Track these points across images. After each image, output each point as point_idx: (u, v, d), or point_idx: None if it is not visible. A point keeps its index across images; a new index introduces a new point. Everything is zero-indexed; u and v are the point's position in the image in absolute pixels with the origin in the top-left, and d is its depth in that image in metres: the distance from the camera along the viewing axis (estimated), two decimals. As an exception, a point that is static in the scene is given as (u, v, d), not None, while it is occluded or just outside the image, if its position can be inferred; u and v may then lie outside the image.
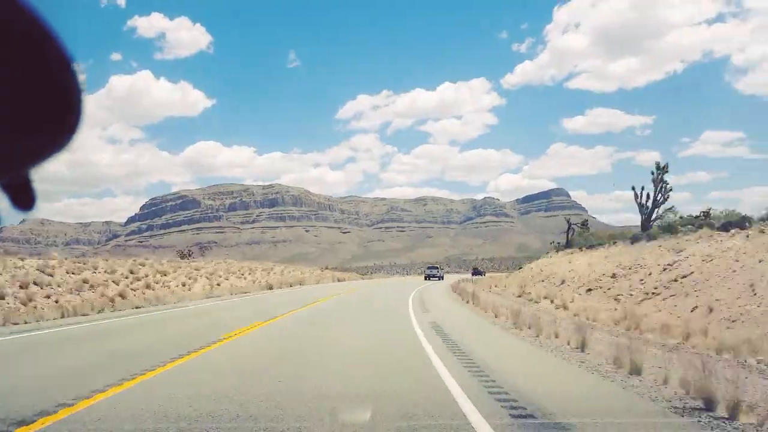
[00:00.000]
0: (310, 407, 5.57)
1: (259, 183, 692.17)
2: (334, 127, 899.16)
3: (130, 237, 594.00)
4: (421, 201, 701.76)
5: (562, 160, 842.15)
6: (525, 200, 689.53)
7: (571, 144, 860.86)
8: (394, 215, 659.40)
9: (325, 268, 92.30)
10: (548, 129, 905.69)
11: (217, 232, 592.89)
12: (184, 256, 55.47)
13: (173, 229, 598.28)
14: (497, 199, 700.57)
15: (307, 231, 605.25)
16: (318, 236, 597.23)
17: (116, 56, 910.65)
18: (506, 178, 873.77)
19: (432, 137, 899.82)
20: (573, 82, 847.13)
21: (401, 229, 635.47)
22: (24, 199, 0.85)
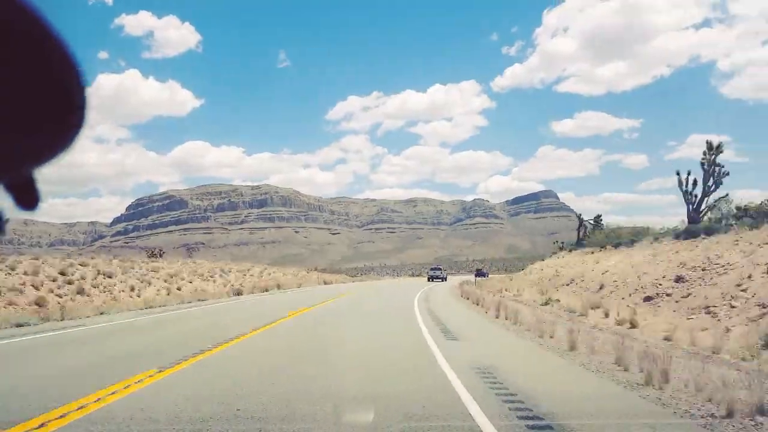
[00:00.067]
0: None
1: (248, 183, 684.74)
2: (324, 128, 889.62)
3: (116, 238, 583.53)
4: (412, 202, 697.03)
5: (551, 163, 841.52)
6: (514, 202, 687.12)
7: (560, 147, 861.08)
8: (385, 216, 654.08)
9: (314, 269, 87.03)
10: (537, 131, 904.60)
11: (205, 233, 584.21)
12: (154, 256, 50.24)
13: (160, 230, 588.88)
14: (487, 201, 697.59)
15: (297, 232, 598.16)
16: (307, 237, 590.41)
17: (103, 54, 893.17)
18: (496, 180, 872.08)
19: (422, 139, 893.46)
20: (562, 86, 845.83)
21: (391, 231, 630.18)
22: (27, 199, 0.84)
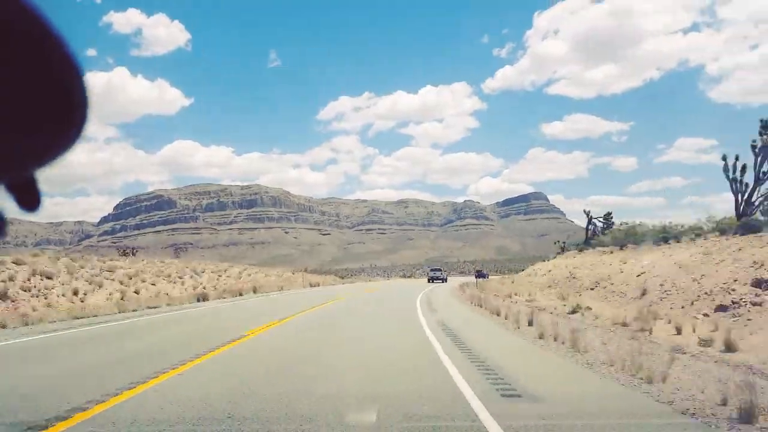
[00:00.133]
0: None
1: (238, 183, 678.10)
2: (315, 128, 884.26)
3: (103, 237, 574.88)
4: (402, 203, 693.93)
5: (541, 165, 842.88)
6: (505, 203, 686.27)
7: (550, 149, 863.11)
8: (375, 217, 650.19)
9: (303, 270, 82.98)
10: (527, 133, 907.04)
11: (193, 233, 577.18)
12: (126, 254, 46.15)
13: (148, 230, 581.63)
14: (477, 203, 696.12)
15: (287, 233, 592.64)
16: (297, 238, 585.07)
17: (91, 52, 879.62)
18: (486, 182, 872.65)
19: (414, 140, 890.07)
20: (552, 88, 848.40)
21: (382, 232, 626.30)
22: (29, 200, 0.84)
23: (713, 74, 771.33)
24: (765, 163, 21.89)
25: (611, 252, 30.82)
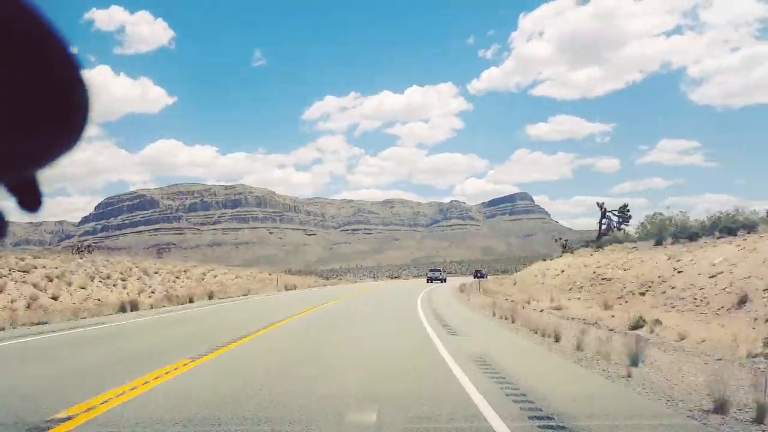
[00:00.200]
0: None
1: (222, 183, 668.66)
2: (301, 128, 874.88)
3: (84, 237, 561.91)
4: (389, 203, 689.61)
5: (526, 166, 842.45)
6: (490, 204, 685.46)
7: (535, 150, 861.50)
8: (361, 217, 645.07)
9: (283, 272, 77.85)
10: (513, 134, 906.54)
11: (176, 233, 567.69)
12: (81, 252, 40.53)
13: (129, 230, 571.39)
14: (463, 203, 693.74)
15: (271, 233, 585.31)
16: (282, 238, 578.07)
17: (73, 50, 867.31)
18: (472, 183, 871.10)
19: (399, 140, 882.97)
20: (537, 90, 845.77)
21: (368, 232, 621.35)
22: (30, 200, 0.83)
23: (695, 77, 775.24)
24: None
25: (633, 248, 26.01)
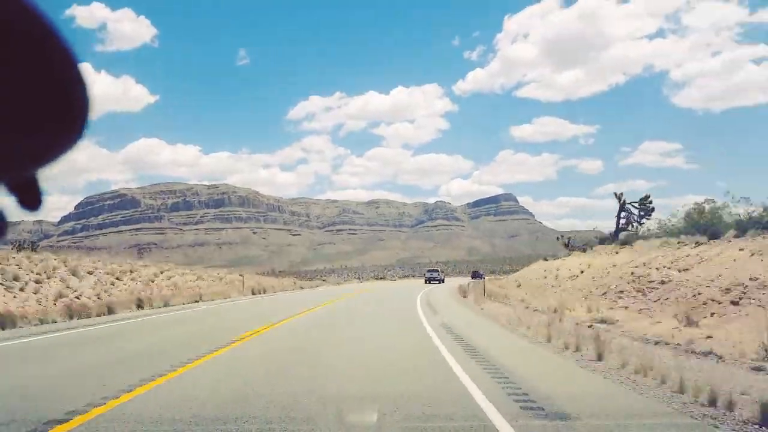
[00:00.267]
0: None
1: (205, 183, 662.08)
2: (285, 128, 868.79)
3: (63, 237, 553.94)
4: (374, 204, 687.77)
5: (510, 167, 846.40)
6: (475, 205, 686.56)
7: (519, 151, 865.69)
8: (346, 218, 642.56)
9: (270, 273, 76.57)
10: (497, 136, 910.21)
11: (157, 233, 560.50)
12: (21, 248, 37.70)
13: (110, 230, 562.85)
14: (448, 203, 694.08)
15: (255, 233, 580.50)
16: (266, 238, 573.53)
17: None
18: (457, 183, 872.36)
19: (385, 140, 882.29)
20: (522, 91, 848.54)
21: (353, 232, 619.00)
22: (31, 199, 0.83)
23: (677, 80, 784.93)
24: None
25: (683, 243, 24.37)
